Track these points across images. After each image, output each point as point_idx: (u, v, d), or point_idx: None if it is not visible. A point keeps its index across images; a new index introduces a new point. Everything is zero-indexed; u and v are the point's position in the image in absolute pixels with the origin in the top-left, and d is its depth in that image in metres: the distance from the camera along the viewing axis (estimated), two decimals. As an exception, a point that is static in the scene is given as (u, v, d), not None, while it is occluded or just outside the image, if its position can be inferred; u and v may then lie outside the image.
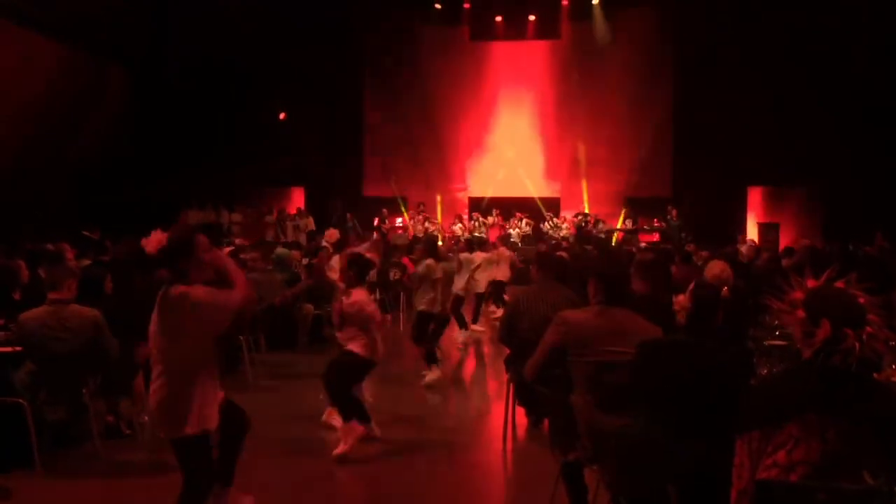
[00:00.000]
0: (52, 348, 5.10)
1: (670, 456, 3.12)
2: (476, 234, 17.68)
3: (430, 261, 8.25)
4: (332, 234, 11.31)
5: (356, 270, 6.00)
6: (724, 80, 17.82)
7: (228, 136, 19.23)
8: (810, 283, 2.55)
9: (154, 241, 3.61)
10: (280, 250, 10.66)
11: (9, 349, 5.35)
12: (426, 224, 19.37)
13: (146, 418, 6.16)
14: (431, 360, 8.00)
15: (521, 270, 12.19)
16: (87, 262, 8.38)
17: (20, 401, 5.02)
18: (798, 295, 2.54)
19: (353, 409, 5.65)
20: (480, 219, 19.45)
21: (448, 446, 6.05)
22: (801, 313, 2.50)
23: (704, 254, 9.91)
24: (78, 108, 17.93)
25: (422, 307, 8.16)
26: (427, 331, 8.16)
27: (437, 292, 8.21)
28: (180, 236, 3.71)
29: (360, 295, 5.85)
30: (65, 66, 17.26)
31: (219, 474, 4.05)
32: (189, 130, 18.68)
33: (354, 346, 5.79)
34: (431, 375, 7.90)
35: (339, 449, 5.46)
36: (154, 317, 3.67)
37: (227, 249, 9.38)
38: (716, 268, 5.66)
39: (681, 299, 3.29)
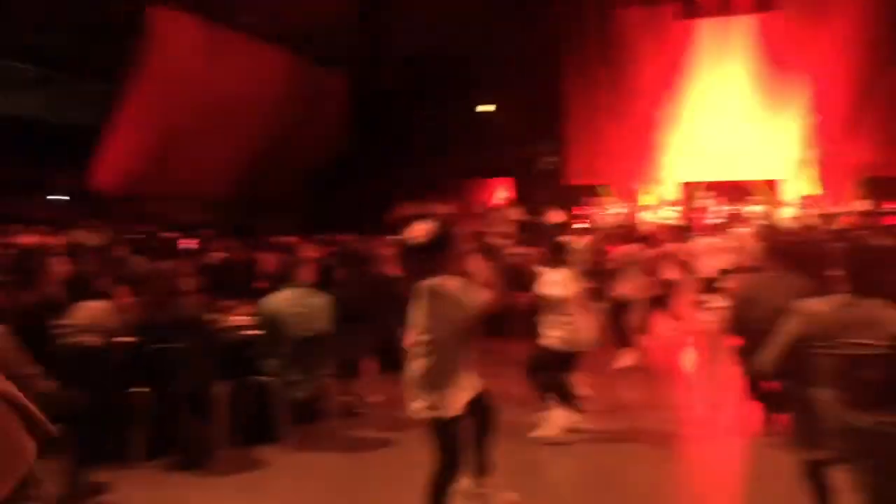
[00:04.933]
0: (296, 330, 5.54)
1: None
2: (683, 223, 17.02)
3: (630, 247, 8.08)
4: (556, 215, 11.28)
5: (557, 249, 5.92)
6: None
7: (438, 130, 19.84)
8: None
9: (419, 230, 3.84)
10: (493, 240, 10.86)
11: (256, 333, 5.88)
12: (632, 210, 18.91)
13: (378, 398, 6.56)
14: (623, 343, 7.83)
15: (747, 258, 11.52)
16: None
17: (269, 380, 5.51)
18: None
19: (556, 396, 5.61)
20: (684, 204, 18.69)
21: (678, 440, 5.89)
22: None
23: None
24: (303, 112, 19.31)
25: (619, 293, 7.97)
26: (622, 318, 7.97)
27: (638, 279, 8.00)
28: (443, 228, 3.91)
29: (559, 276, 5.75)
30: (291, 73, 18.66)
31: (475, 466, 4.16)
32: (401, 127, 19.52)
33: (552, 334, 5.70)
34: (626, 361, 7.73)
35: (540, 432, 5.48)
36: (413, 306, 3.88)
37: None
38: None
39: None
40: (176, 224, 15.85)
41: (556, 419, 5.58)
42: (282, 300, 5.65)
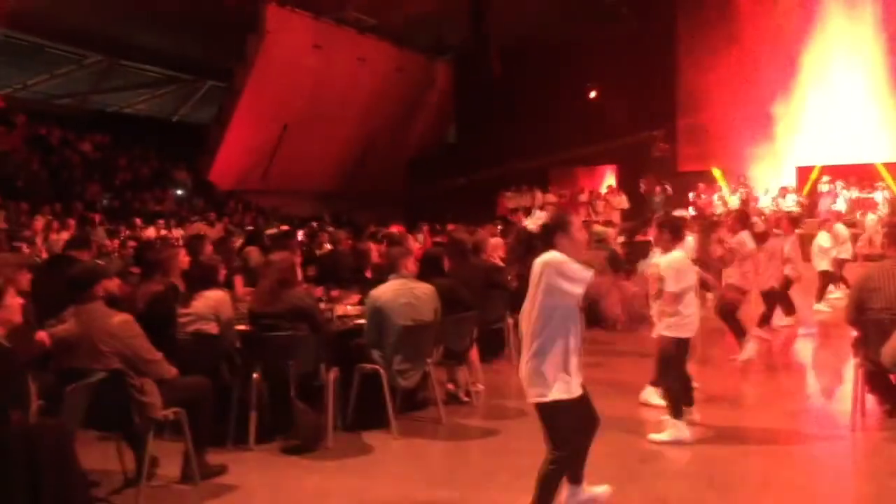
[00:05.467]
0: (402, 319, 5.63)
1: None
2: (801, 210, 16.25)
3: (743, 234, 7.77)
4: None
5: (670, 231, 5.58)
6: None
7: (545, 118, 19.68)
8: None
9: (537, 221, 3.90)
10: (598, 228, 10.72)
11: (364, 322, 6.02)
12: (743, 196, 18.21)
13: (481, 387, 6.60)
14: (740, 335, 7.54)
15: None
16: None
17: (377, 368, 5.63)
18: None
19: (677, 397, 5.42)
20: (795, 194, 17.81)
21: (787, 435, 5.66)
22: None
23: None
24: (409, 103, 19.61)
25: (730, 281, 7.68)
26: (733, 309, 7.65)
27: (750, 268, 7.68)
28: (557, 215, 3.97)
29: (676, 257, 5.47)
30: (397, 65, 18.96)
31: (569, 472, 4.06)
32: (506, 116, 19.48)
33: (664, 324, 5.42)
34: (744, 353, 7.45)
35: (661, 436, 5.35)
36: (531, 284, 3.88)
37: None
38: None
39: None
40: (288, 216, 16.42)
41: (683, 423, 5.37)
42: (388, 290, 5.75)
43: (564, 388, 3.79)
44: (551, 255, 3.77)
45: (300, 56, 17.01)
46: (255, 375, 5.36)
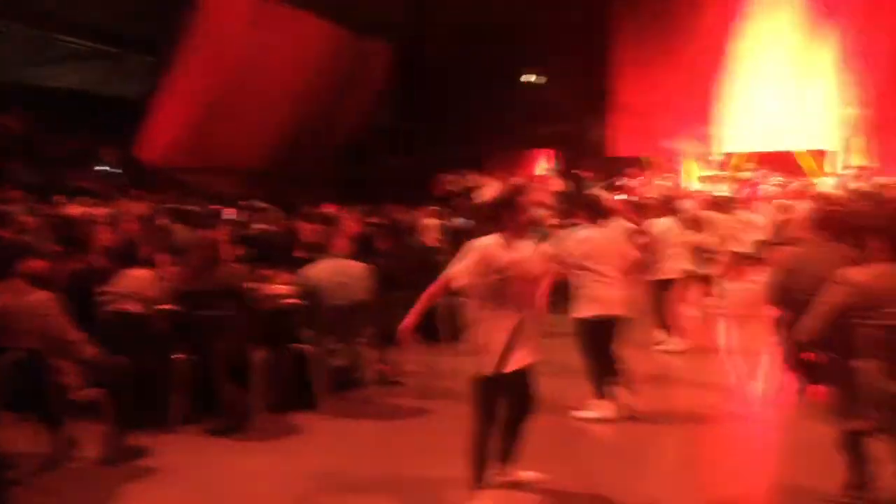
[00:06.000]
0: (334, 299, 5.58)
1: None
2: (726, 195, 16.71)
3: (667, 220, 7.89)
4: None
5: (586, 209, 5.70)
6: None
7: (482, 102, 19.69)
8: None
9: (489, 192, 4.00)
10: (532, 210, 10.77)
11: (294, 301, 5.95)
12: (673, 182, 18.61)
13: (414, 368, 6.61)
14: (663, 318, 7.69)
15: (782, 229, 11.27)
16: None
17: (307, 348, 5.58)
18: None
19: (607, 376, 5.51)
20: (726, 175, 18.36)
21: (710, 413, 5.83)
22: None
23: None
24: (344, 83, 19.34)
25: (658, 268, 7.70)
26: (662, 293, 7.79)
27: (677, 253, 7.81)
28: (507, 192, 4.10)
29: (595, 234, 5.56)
30: (333, 44, 18.66)
31: (501, 451, 4.15)
32: (444, 98, 19.43)
33: (590, 299, 5.47)
34: (670, 344, 7.61)
35: (587, 413, 5.45)
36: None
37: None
38: None
39: None
40: (217, 195, 16.05)
41: (606, 402, 5.48)
42: (321, 270, 5.70)
43: (490, 360, 3.88)
44: (483, 239, 3.88)
45: (235, 32, 16.61)
46: (180, 355, 5.24)
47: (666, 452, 5.08)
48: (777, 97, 18.99)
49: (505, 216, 3.97)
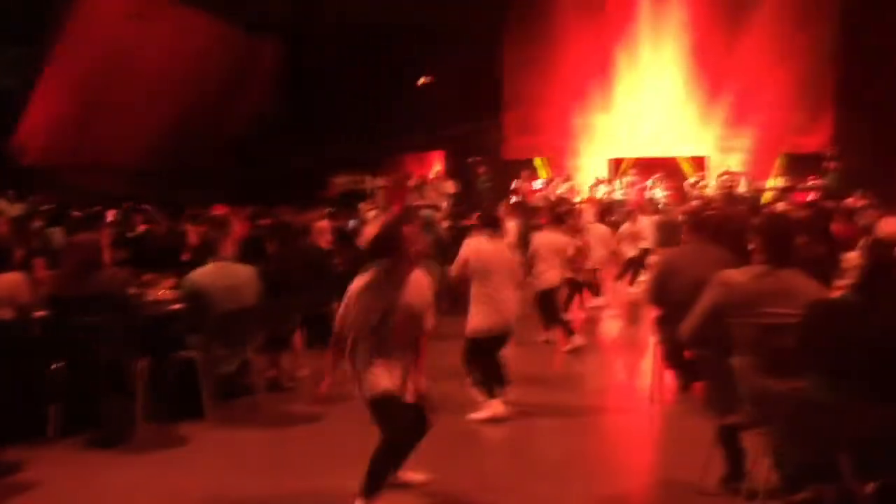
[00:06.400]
0: (221, 304, 5.42)
1: (844, 421, 2.95)
2: (616, 198, 17.34)
3: (555, 225, 8.01)
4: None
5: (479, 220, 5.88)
6: (892, 23, 16.28)
7: (373, 102, 19.62)
8: None
9: (367, 234, 3.97)
10: (426, 212, 10.82)
11: (179, 307, 5.75)
12: (567, 187, 19.10)
13: (305, 373, 6.50)
14: (551, 321, 7.86)
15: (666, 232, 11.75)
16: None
17: (193, 355, 5.39)
18: None
19: (491, 381, 5.60)
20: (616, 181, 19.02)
21: (596, 410, 6.01)
22: None
23: (873, 213, 9.21)
24: (232, 79, 18.84)
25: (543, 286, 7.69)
26: (549, 296, 7.91)
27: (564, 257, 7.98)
28: (391, 225, 4.15)
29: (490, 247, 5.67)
30: (219, 40, 18.14)
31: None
32: (335, 98, 19.24)
33: (481, 310, 5.59)
34: (573, 343, 7.79)
35: (477, 415, 5.51)
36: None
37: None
38: (891, 225, 5.27)
39: (851, 257, 3.07)
40: (100, 195, 15.34)
41: (496, 402, 5.54)
42: (207, 274, 5.51)
43: (372, 382, 3.91)
44: (364, 276, 3.93)
45: (114, 24, 15.92)
46: (56, 364, 4.97)
47: (554, 450, 5.20)
48: (661, 106, 19.84)
49: (392, 250, 3.94)
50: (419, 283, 4.04)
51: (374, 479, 3.83)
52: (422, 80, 20.47)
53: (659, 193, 18.11)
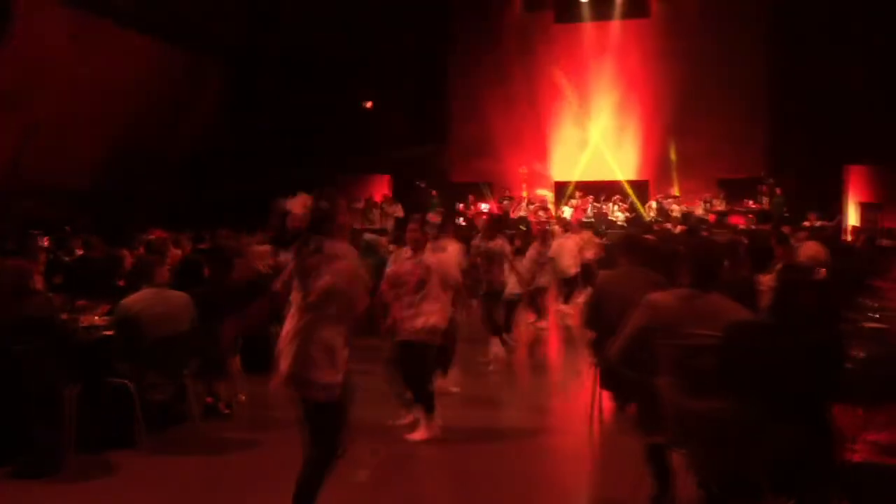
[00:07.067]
0: (155, 330, 5.35)
1: (761, 440, 3.05)
2: (553, 220, 17.65)
3: (500, 242, 8.22)
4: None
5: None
6: (822, 53, 16.94)
7: (318, 125, 19.60)
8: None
9: (299, 202, 3.81)
10: (369, 236, 10.82)
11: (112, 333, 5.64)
12: (519, 207, 19.37)
13: (242, 398, 6.43)
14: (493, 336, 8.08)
15: (607, 254, 11.99)
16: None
17: (126, 382, 5.30)
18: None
19: (425, 396, 5.66)
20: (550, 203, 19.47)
21: (534, 431, 6.07)
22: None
23: (802, 235, 9.55)
24: (177, 102, 18.63)
25: (490, 288, 8.09)
26: (492, 312, 8.12)
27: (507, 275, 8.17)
28: (325, 203, 3.91)
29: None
30: (164, 63, 17.94)
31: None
32: (281, 121, 19.18)
33: (417, 322, 5.63)
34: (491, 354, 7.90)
35: (415, 435, 5.53)
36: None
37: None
38: (810, 249, 5.47)
39: (765, 280, 3.20)
40: (37, 219, 14.98)
41: (430, 420, 5.58)
42: (139, 300, 5.44)
43: (317, 380, 3.79)
44: (306, 251, 3.84)
45: (54, 45, 15.64)
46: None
47: (491, 472, 5.23)
48: (604, 131, 20.31)
49: (325, 227, 3.85)
50: (349, 263, 3.91)
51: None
52: (369, 104, 20.56)
53: (619, 214, 18.53)
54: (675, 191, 19.46)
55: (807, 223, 12.82)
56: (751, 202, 18.17)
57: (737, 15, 19.20)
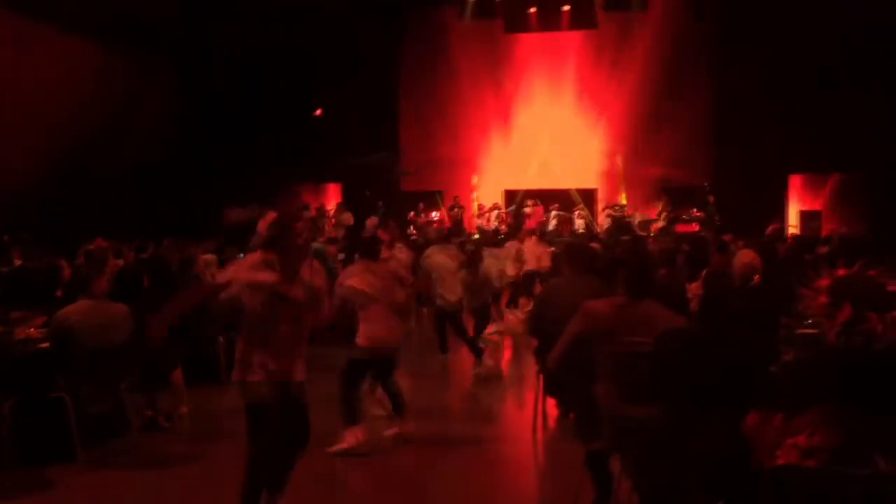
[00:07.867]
0: (92, 342, 5.24)
1: (690, 444, 3.11)
2: (503, 228, 17.84)
3: (449, 252, 8.31)
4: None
5: (368, 248, 6.00)
6: (764, 63, 17.39)
7: (270, 133, 19.45)
8: (840, 272, 2.56)
9: (268, 219, 3.96)
10: (316, 245, 10.76)
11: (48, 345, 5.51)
12: (470, 216, 19.50)
13: (185, 410, 6.33)
14: (441, 347, 8.17)
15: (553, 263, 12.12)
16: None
17: (62, 395, 5.18)
18: (824, 282, 2.55)
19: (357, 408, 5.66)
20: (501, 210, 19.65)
21: (478, 438, 6.09)
22: (823, 298, 2.50)
23: (741, 243, 9.77)
24: (125, 109, 18.31)
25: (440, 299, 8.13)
26: (442, 323, 8.23)
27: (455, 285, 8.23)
28: (282, 222, 4.02)
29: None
30: (108, 67, 17.65)
31: (269, 482, 4.02)
32: (231, 128, 18.99)
33: (363, 334, 5.73)
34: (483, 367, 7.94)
35: (339, 446, 5.51)
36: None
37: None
38: (745, 256, 5.61)
39: (693, 287, 3.29)
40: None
41: (357, 432, 5.55)
42: (75, 311, 5.33)
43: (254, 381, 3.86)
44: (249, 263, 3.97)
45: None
46: None
47: (435, 481, 5.24)
48: (554, 141, 20.53)
49: (279, 240, 3.92)
50: (308, 274, 4.00)
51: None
52: (318, 112, 20.46)
53: (580, 223, 18.76)
54: (623, 199, 19.74)
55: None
56: (694, 210, 18.53)
57: (680, 28, 19.60)
